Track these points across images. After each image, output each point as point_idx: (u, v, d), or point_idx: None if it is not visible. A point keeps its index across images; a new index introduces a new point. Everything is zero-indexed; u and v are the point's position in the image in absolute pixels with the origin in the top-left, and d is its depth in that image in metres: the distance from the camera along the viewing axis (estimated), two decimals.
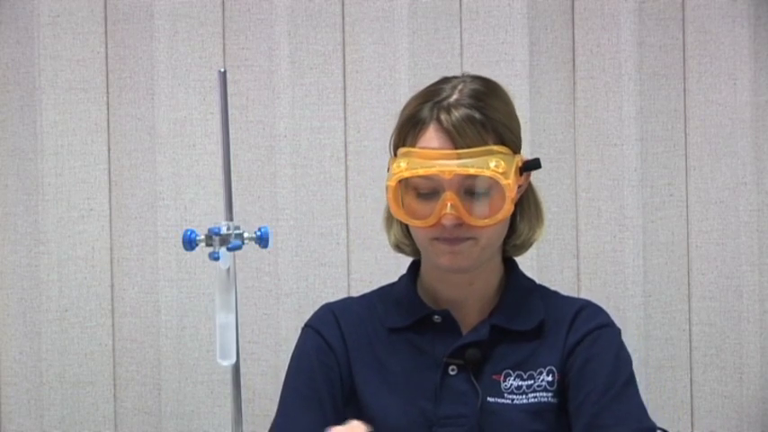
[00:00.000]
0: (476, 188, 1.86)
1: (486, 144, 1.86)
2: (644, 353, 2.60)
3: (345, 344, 1.93)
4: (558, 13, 2.64)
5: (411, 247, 1.97)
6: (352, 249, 2.61)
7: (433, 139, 1.87)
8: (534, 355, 1.91)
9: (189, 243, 1.58)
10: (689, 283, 2.66)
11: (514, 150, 1.89)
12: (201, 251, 1.60)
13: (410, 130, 1.89)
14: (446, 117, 1.86)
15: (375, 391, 1.91)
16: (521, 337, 1.92)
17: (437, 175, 1.85)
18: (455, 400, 1.87)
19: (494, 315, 1.92)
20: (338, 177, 2.61)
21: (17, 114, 2.61)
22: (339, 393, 1.91)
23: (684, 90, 2.66)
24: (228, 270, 1.57)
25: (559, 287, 2.45)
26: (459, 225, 1.85)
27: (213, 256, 1.57)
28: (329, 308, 2.00)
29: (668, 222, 2.65)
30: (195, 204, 2.60)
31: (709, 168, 2.65)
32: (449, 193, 1.84)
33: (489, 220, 1.86)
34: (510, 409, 1.87)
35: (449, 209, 1.84)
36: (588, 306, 1.98)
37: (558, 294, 2.02)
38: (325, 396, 1.90)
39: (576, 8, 2.65)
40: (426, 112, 1.88)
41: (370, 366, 1.92)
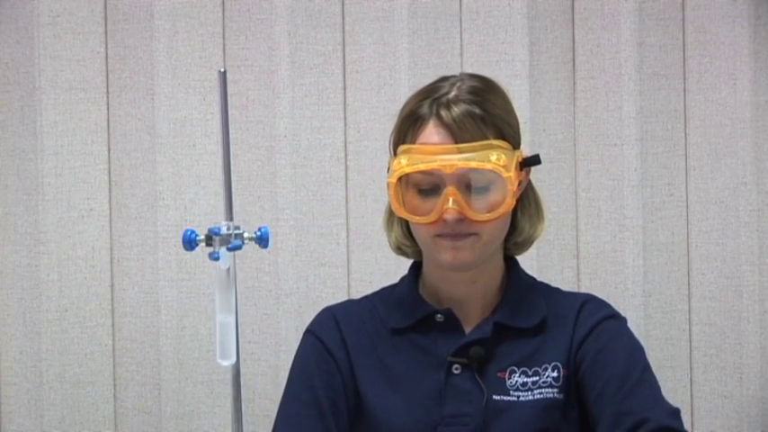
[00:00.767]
0: (477, 182, 1.86)
1: (487, 138, 1.86)
2: None
3: (347, 347, 1.93)
4: (558, 13, 2.64)
5: (412, 248, 1.97)
6: (352, 249, 2.61)
7: (432, 134, 1.88)
8: (539, 351, 1.91)
9: (189, 243, 1.58)
10: (689, 283, 2.66)
11: (514, 146, 1.90)
12: (201, 251, 1.60)
13: (410, 128, 1.90)
14: (446, 113, 1.87)
15: (379, 393, 1.90)
16: (524, 334, 1.92)
17: (438, 169, 1.85)
18: (460, 399, 1.87)
19: (496, 313, 1.92)
20: (338, 177, 2.61)
21: (17, 114, 2.61)
22: (341, 399, 1.90)
23: (684, 90, 2.66)
24: (228, 270, 1.57)
25: (559, 287, 2.46)
26: (461, 220, 1.85)
27: (213, 256, 1.57)
28: (330, 311, 1.99)
29: (668, 222, 2.65)
30: (195, 204, 2.60)
31: (710, 168, 2.65)
32: (450, 188, 1.85)
33: (491, 214, 1.86)
34: (516, 406, 1.87)
35: (451, 203, 1.84)
36: (592, 300, 1.98)
37: (560, 290, 2.02)
38: (326, 403, 1.89)
39: (576, 8, 2.65)
40: (425, 108, 1.89)
41: (373, 368, 1.92)
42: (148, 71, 2.59)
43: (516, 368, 1.89)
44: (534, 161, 1.92)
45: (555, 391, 1.89)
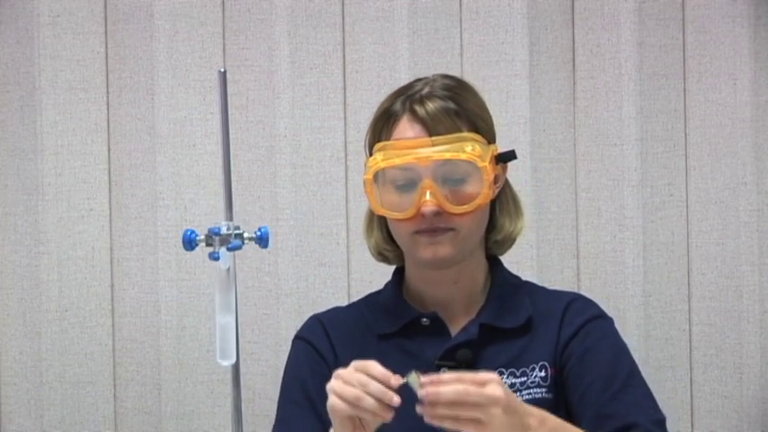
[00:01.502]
0: (453, 174, 1.87)
1: (461, 131, 1.87)
2: (644, 353, 2.60)
3: (335, 353, 1.94)
4: (558, 13, 2.64)
5: (393, 252, 1.97)
6: (352, 249, 2.61)
7: (407, 129, 1.89)
8: (526, 351, 1.91)
9: (189, 243, 1.58)
10: (689, 283, 2.66)
11: (489, 140, 1.91)
12: (201, 251, 1.60)
13: (384, 125, 1.91)
14: (419, 108, 1.89)
15: None
16: (510, 335, 1.92)
17: (413, 163, 1.86)
18: None
19: (481, 314, 1.93)
20: (338, 177, 2.61)
21: (17, 114, 2.61)
22: None
23: (684, 90, 2.66)
24: (228, 270, 1.57)
25: (559, 287, 2.45)
26: (439, 214, 1.86)
27: (213, 256, 1.57)
28: (317, 318, 2.01)
29: (668, 222, 2.65)
30: (195, 204, 2.60)
31: (709, 168, 2.65)
32: (427, 181, 1.85)
33: (468, 206, 1.86)
34: None
35: (428, 197, 1.85)
36: (578, 299, 1.99)
37: (545, 289, 2.02)
38: (320, 404, 1.89)
39: (576, 8, 2.65)
40: (398, 105, 1.91)
41: None
42: (148, 71, 2.59)
43: (504, 370, 1.89)
44: (509, 156, 1.92)
45: (543, 390, 1.89)
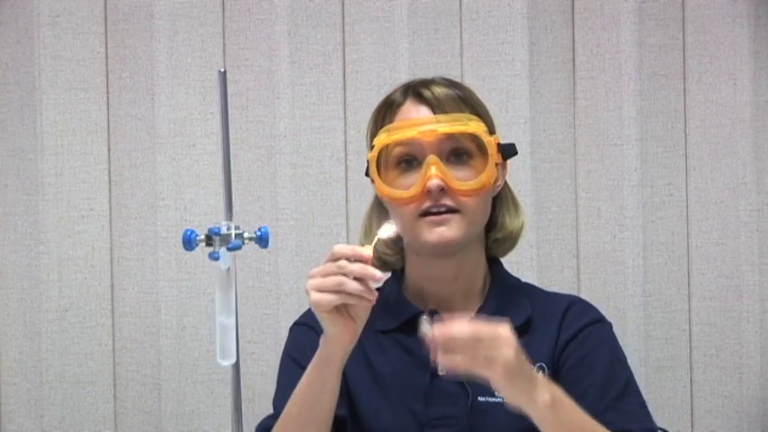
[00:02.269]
0: (459, 150, 1.87)
1: (465, 113, 1.88)
2: (644, 353, 2.60)
3: None
4: (558, 13, 2.64)
5: (394, 256, 1.97)
6: None
7: (411, 111, 1.91)
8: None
9: (189, 243, 1.58)
10: (689, 283, 2.66)
11: (490, 131, 1.91)
12: (201, 251, 1.60)
13: (386, 113, 1.93)
14: (424, 90, 1.91)
15: (367, 392, 1.91)
16: None
17: (418, 138, 1.86)
18: (445, 401, 1.87)
19: (481, 313, 1.92)
20: (338, 177, 2.61)
21: (17, 114, 2.61)
22: None
23: (684, 90, 2.66)
24: (228, 270, 1.57)
25: (559, 287, 2.46)
26: (444, 191, 1.85)
27: (213, 256, 1.57)
28: None
29: (668, 222, 2.65)
30: (195, 204, 2.60)
31: (709, 168, 2.65)
32: (432, 157, 1.85)
33: (474, 182, 1.86)
34: (501, 407, 1.86)
35: (433, 171, 1.84)
36: (578, 302, 1.99)
37: (544, 291, 2.03)
38: None
39: (576, 8, 2.65)
40: (399, 94, 1.93)
41: (361, 366, 1.92)
42: (148, 71, 2.59)
43: None
44: (511, 151, 1.93)
45: None
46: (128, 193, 2.62)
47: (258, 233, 1.60)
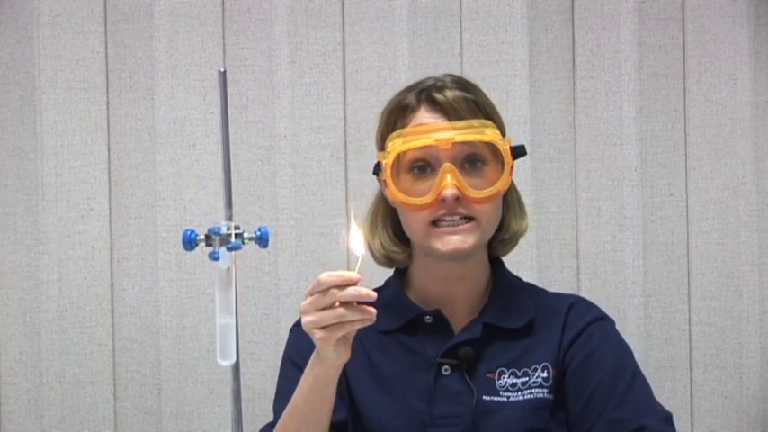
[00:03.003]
0: (474, 157, 1.87)
1: (479, 119, 1.87)
2: (644, 353, 2.60)
3: None
4: (558, 13, 2.64)
5: (401, 253, 1.96)
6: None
7: (425, 116, 1.89)
8: (528, 352, 1.91)
9: (189, 243, 1.58)
10: (689, 283, 2.66)
11: (502, 134, 1.91)
12: (201, 251, 1.60)
13: (399, 115, 1.91)
14: (438, 95, 1.89)
15: (369, 392, 1.91)
16: (513, 335, 1.92)
17: (435, 146, 1.85)
18: (449, 400, 1.87)
19: (484, 313, 1.92)
20: (338, 177, 2.61)
21: (17, 114, 2.61)
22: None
23: (684, 90, 2.66)
24: (228, 270, 1.57)
25: (559, 287, 2.46)
26: (459, 200, 1.85)
27: (213, 256, 1.57)
28: None
29: (668, 222, 2.65)
30: (195, 204, 2.60)
31: (709, 168, 2.65)
32: (447, 165, 1.85)
33: (490, 190, 1.86)
34: (506, 406, 1.87)
35: (448, 179, 1.84)
36: (580, 301, 1.99)
37: (546, 291, 2.03)
38: None
39: (576, 8, 2.65)
40: (413, 97, 1.91)
41: (364, 367, 1.92)
42: (148, 71, 2.59)
43: (506, 369, 1.89)
44: (521, 152, 1.92)
45: (545, 391, 1.89)
46: (128, 193, 2.62)
47: (258, 233, 1.60)
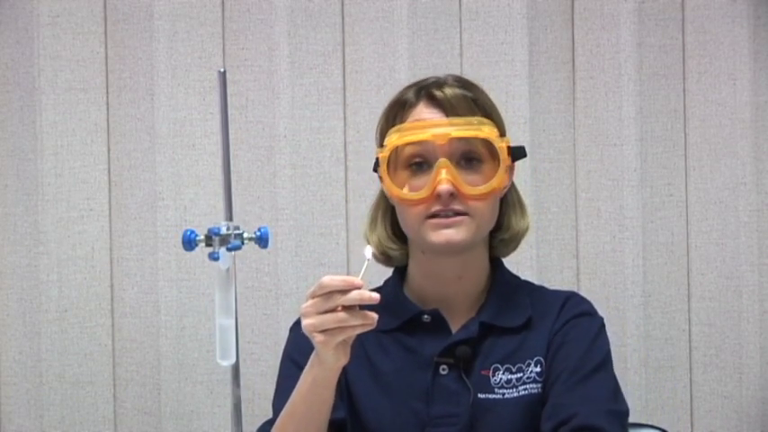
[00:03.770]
0: (470, 154, 1.87)
1: (477, 116, 1.88)
2: (644, 353, 2.60)
3: None
4: (558, 13, 2.64)
5: (398, 250, 1.96)
6: (351, 249, 2.61)
7: (423, 112, 1.90)
8: (522, 347, 1.91)
9: (189, 243, 1.58)
10: (689, 283, 2.66)
11: (501, 134, 1.91)
12: (201, 251, 1.60)
13: (398, 111, 1.91)
14: (437, 91, 1.89)
15: (367, 391, 1.91)
16: (508, 331, 1.92)
17: (431, 141, 1.85)
18: (447, 400, 1.87)
19: (482, 312, 1.92)
20: (338, 177, 2.61)
21: (17, 114, 2.61)
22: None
23: (684, 90, 2.66)
24: (228, 270, 1.57)
25: (559, 287, 2.45)
26: (454, 195, 1.85)
27: (213, 257, 1.57)
28: None
29: (668, 222, 2.65)
30: (195, 204, 2.60)
31: (709, 168, 2.65)
32: (443, 161, 1.85)
33: (484, 187, 1.86)
34: (501, 404, 1.87)
35: (443, 175, 1.84)
36: (573, 296, 1.99)
37: (544, 289, 2.02)
38: None
39: (576, 8, 2.65)
40: (412, 94, 1.92)
41: (362, 365, 1.92)
42: (148, 71, 2.59)
43: (500, 366, 1.89)
44: (521, 153, 1.92)
45: (538, 386, 1.89)
46: (127, 193, 2.62)
47: (258, 233, 1.60)
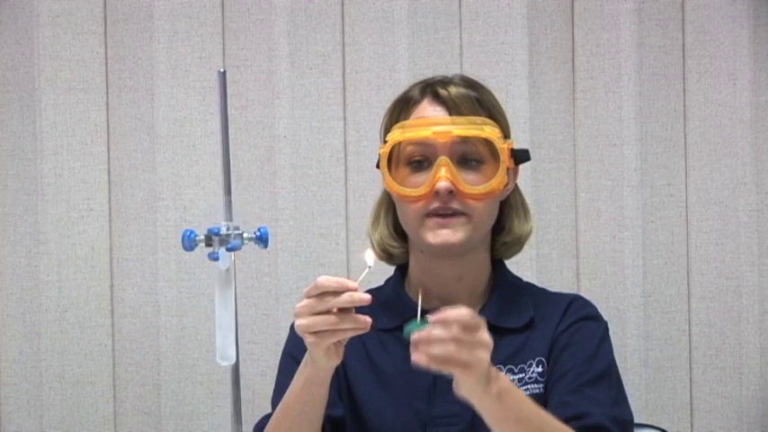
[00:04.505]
0: (471, 155, 1.87)
1: (480, 116, 1.88)
2: (644, 353, 2.60)
3: None
4: (558, 13, 2.64)
5: (398, 249, 1.96)
6: (351, 249, 2.61)
7: (427, 109, 1.90)
8: (524, 347, 1.91)
9: (188, 243, 1.58)
10: (689, 284, 2.66)
11: (505, 135, 1.91)
12: (201, 251, 1.60)
13: (402, 109, 1.92)
14: (442, 90, 1.90)
15: (369, 390, 1.91)
16: (511, 331, 1.92)
17: (431, 138, 1.85)
18: (448, 399, 1.87)
19: (484, 313, 1.92)
20: (338, 177, 2.61)
21: (17, 114, 2.61)
22: (334, 375, 1.89)
23: (684, 90, 2.66)
24: (228, 270, 1.57)
25: (559, 287, 2.46)
26: (452, 194, 1.85)
27: (213, 257, 1.57)
28: None
29: (668, 222, 2.65)
30: (195, 204, 2.60)
31: (709, 168, 2.65)
32: (443, 158, 1.85)
33: (483, 187, 1.86)
34: None
35: (443, 172, 1.84)
36: (578, 299, 1.99)
37: (547, 291, 2.02)
38: None
39: (576, 8, 2.65)
40: (417, 91, 1.92)
41: (364, 364, 1.92)
42: (148, 71, 2.59)
43: (502, 366, 1.89)
44: (524, 156, 1.93)
45: (541, 386, 1.89)
46: (127, 193, 2.62)
47: (258, 233, 1.60)
